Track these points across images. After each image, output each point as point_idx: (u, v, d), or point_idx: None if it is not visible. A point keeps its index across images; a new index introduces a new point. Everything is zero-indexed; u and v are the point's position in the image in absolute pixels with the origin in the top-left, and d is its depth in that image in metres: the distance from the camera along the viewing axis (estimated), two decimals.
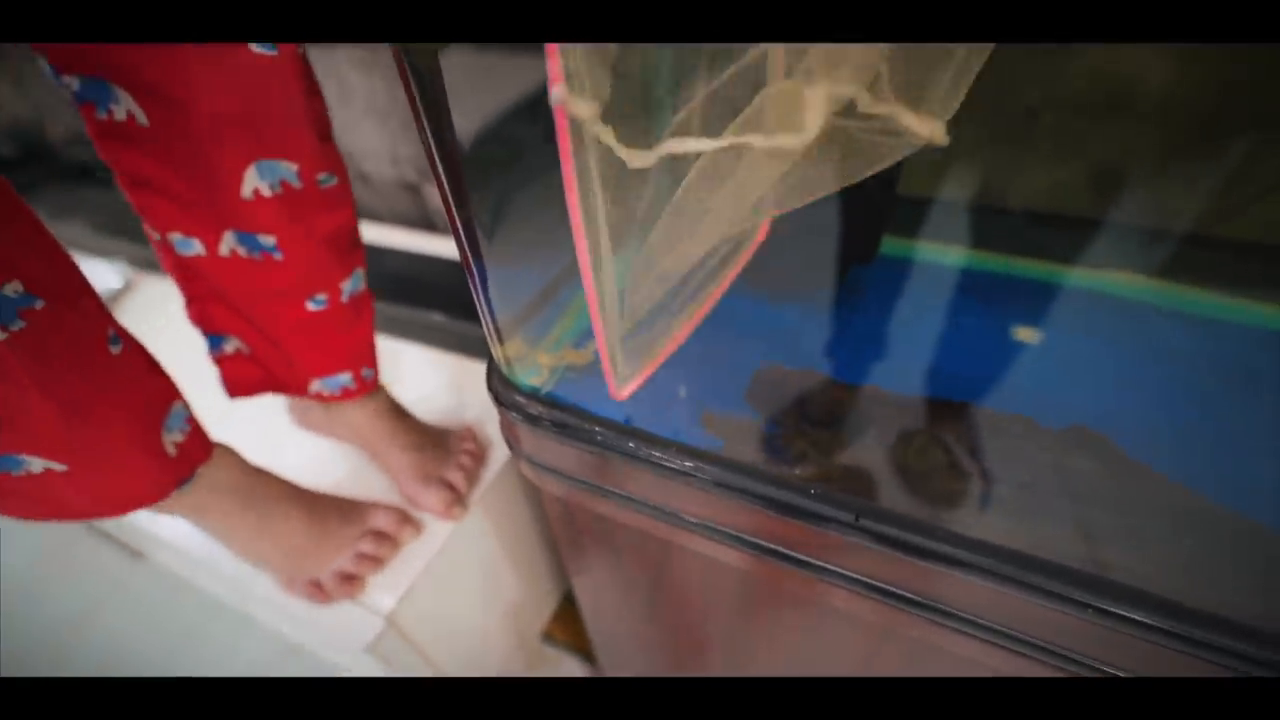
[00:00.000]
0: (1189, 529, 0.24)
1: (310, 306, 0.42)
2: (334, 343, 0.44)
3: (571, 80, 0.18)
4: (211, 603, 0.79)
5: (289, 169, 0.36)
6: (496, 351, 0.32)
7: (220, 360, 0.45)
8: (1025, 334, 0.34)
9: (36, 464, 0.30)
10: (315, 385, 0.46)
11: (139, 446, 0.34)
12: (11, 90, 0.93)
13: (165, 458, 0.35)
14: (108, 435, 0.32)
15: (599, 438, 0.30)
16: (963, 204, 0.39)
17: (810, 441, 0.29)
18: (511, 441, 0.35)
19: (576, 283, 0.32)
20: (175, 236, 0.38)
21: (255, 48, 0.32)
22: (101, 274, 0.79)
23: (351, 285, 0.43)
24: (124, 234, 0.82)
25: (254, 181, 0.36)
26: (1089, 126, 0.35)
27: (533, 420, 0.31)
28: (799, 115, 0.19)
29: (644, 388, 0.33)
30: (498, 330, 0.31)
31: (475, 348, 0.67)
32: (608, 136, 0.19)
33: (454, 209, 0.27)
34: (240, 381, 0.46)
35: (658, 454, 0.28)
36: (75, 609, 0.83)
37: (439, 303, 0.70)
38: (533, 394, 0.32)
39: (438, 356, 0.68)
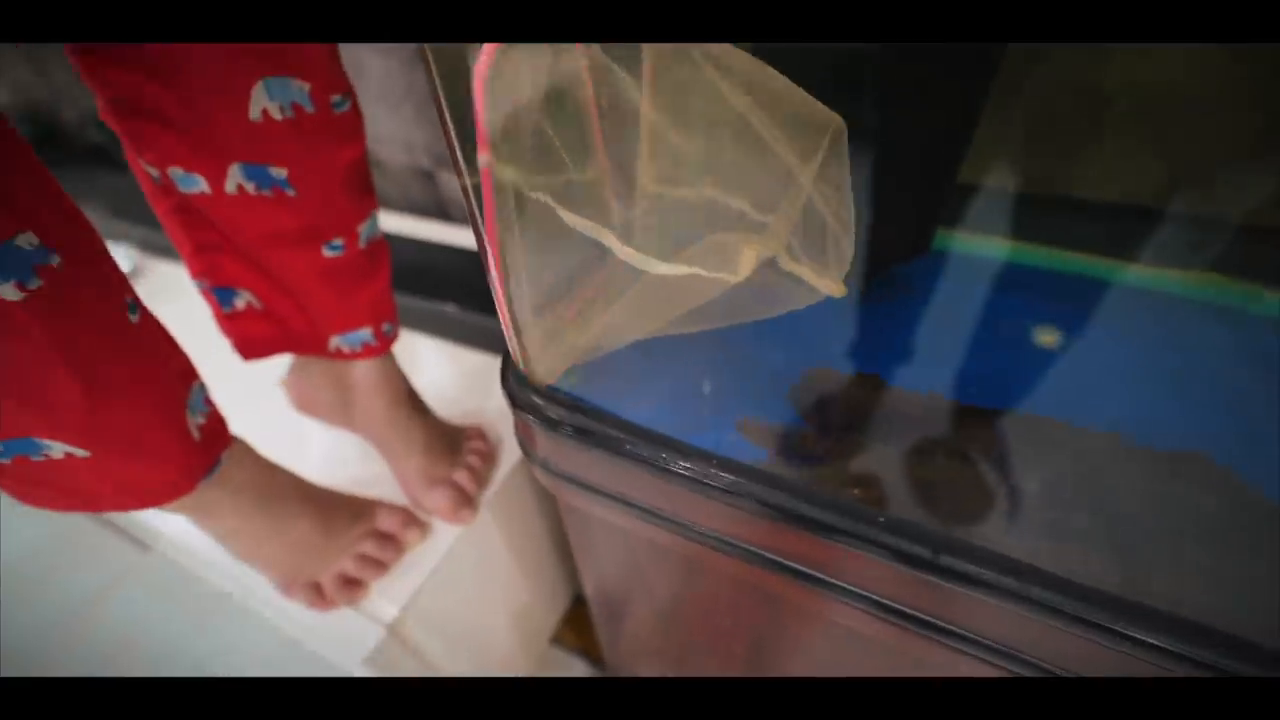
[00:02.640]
0: None
1: (327, 253, 0.38)
2: (353, 294, 0.40)
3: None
4: (216, 595, 0.77)
5: (300, 88, 0.32)
6: (514, 347, 0.29)
7: (231, 318, 0.41)
8: (1095, 341, 0.30)
9: (57, 449, 0.27)
10: (335, 341, 0.42)
11: (165, 429, 0.31)
12: (30, 73, 0.92)
13: (191, 442, 0.32)
14: (133, 415, 0.29)
15: (626, 446, 0.27)
16: (1025, 195, 0.36)
17: (862, 458, 0.25)
18: (526, 445, 0.32)
19: (593, 274, 0.29)
20: (176, 172, 0.34)
21: None
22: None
23: (368, 230, 0.40)
24: (133, 218, 0.80)
25: (262, 101, 0.32)
26: (1168, 113, 0.31)
27: (551, 425, 0.28)
28: (734, 261, 0.25)
29: (673, 387, 0.30)
30: (516, 325, 0.28)
31: (487, 341, 0.64)
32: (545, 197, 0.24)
33: (473, 200, 0.24)
34: (253, 341, 0.42)
35: (689, 465, 0.25)
36: (81, 597, 0.82)
37: (450, 293, 0.67)
38: (551, 395, 0.29)
39: (447, 348, 0.65)
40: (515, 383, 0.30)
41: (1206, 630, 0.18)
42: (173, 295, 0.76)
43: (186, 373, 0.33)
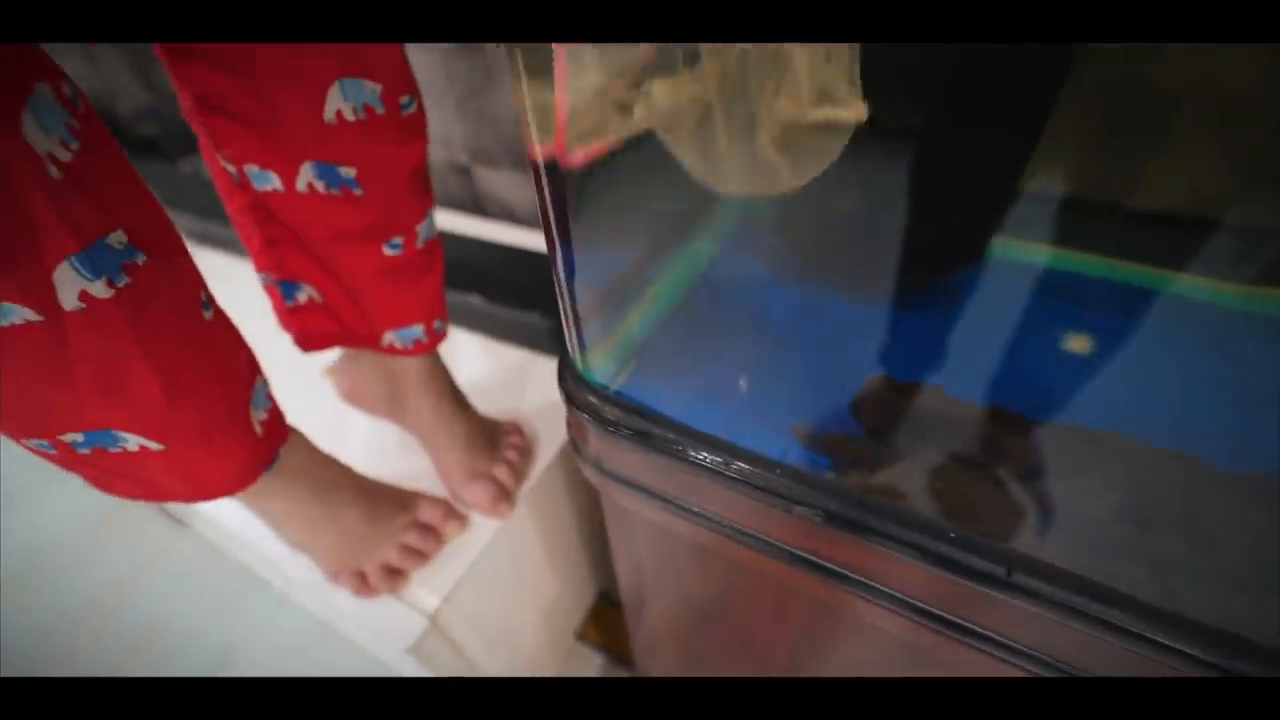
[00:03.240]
0: None
1: (387, 251, 0.39)
2: (409, 291, 0.42)
3: None
4: (249, 576, 0.79)
5: (373, 90, 0.33)
6: (573, 346, 0.30)
7: (293, 311, 0.43)
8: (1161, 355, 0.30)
9: (133, 441, 0.28)
10: (388, 337, 0.43)
11: (233, 424, 0.32)
12: (85, 66, 0.95)
13: (255, 437, 0.33)
14: (206, 412, 0.30)
15: (682, 450, 0.27)
16: (1084, 202, 0.35)
17: (918, 467, 0.25)
18: (578, 443, 0.33)
19: (654, 272, 0.30)
20: (252, 169, 0.35)
21: None
22: None
23: (426, 230, 0.41)
24: (182, 207, 0.82)
25: (337, 102, 0.33)
26: (1237, 119, 0.30)
27: (608, 426, 0.29)
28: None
29: (728, 391, 0.30)
30: (577, 323, 0.29)
31: (522, 336, 0.65)
32: None
33: (547, 198, 0.24)
34: (313, 334, 0.44)
35: (745, 470, 0.25)
36: (116, 576, 0.84)
37: (485, 288, 0.68)
38: (609, 397, 0.29)
39: (484, 343, 0.66)
40: (573, 382, 0.30)
41: (1242, 640, 0.18)
42: (220, 284, 0.78)
43: (252, 368, 0.34)
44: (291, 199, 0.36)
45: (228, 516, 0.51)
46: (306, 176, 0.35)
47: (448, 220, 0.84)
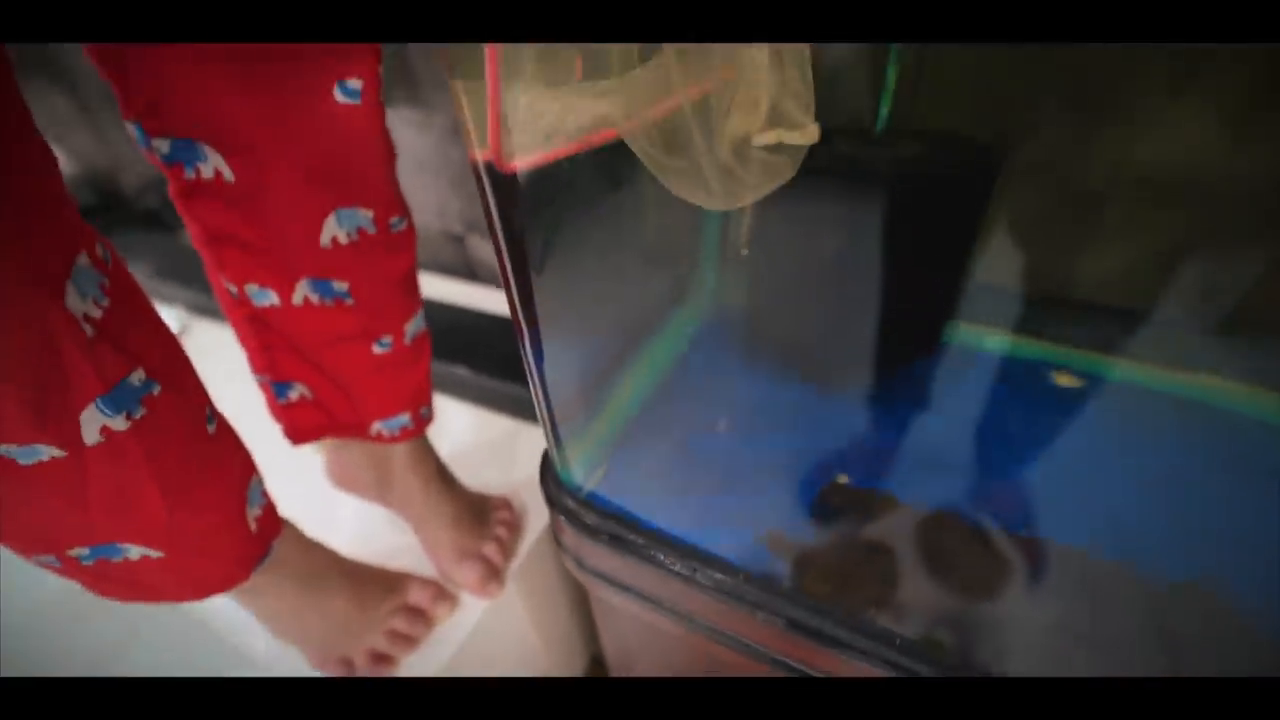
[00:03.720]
0: None
1: (376, 349, 0.42)
2: (396, 383, 0.44)
3: None
4: (237, 654, 0.78)
5: (365, 216, 0.36)
6: (553, 452, 0.32)
7: (285, 409, 0.45)
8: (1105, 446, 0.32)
9: (135, 551, 0.30)
10: (376, 427, 0.46)
11: (229, 527, 0.33)
12: (92, 141, 0.99)
13: (249, 534, 0.35)
14: (204, 520, 0.32)
15: (655, 556, 0.28)
16: (1029, 294, 0.38)
17: (875, 574, 0.27)
18: (560, 540, 0.34)
19: (624, 376, 0.31)
20: (252, 288, 0.38)
21: (340, 97, 0.32)
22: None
23: (414, 326, 0.43)
24: (181, 280, 0.85)
25: (333, 230, 0.36)
26: (1156, 213, 0.33)
27: (587, 530, 0.30)
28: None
29: (701, 496, 0.31)
30: (555, 432, 0.30)
31: (510, 406, 0.66)
32: None
33: (521, 317, 0.26)
34: (303, 428, 0.46)
35: (714, 577, 0.27)
36: (100, 650, 0.83)
37: (474, 359, 0.70)
38: (586, 502, 0.31)
39: (472, 411, 0.68)
40: (554, 486, 0.32)
41: None
42: (217, 354, 0.80)
43: (248, 469, 0.36)
44: (288, 312, 0.39)
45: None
46: (303, 291, 0.38)
47: (440, 287, 0.86)
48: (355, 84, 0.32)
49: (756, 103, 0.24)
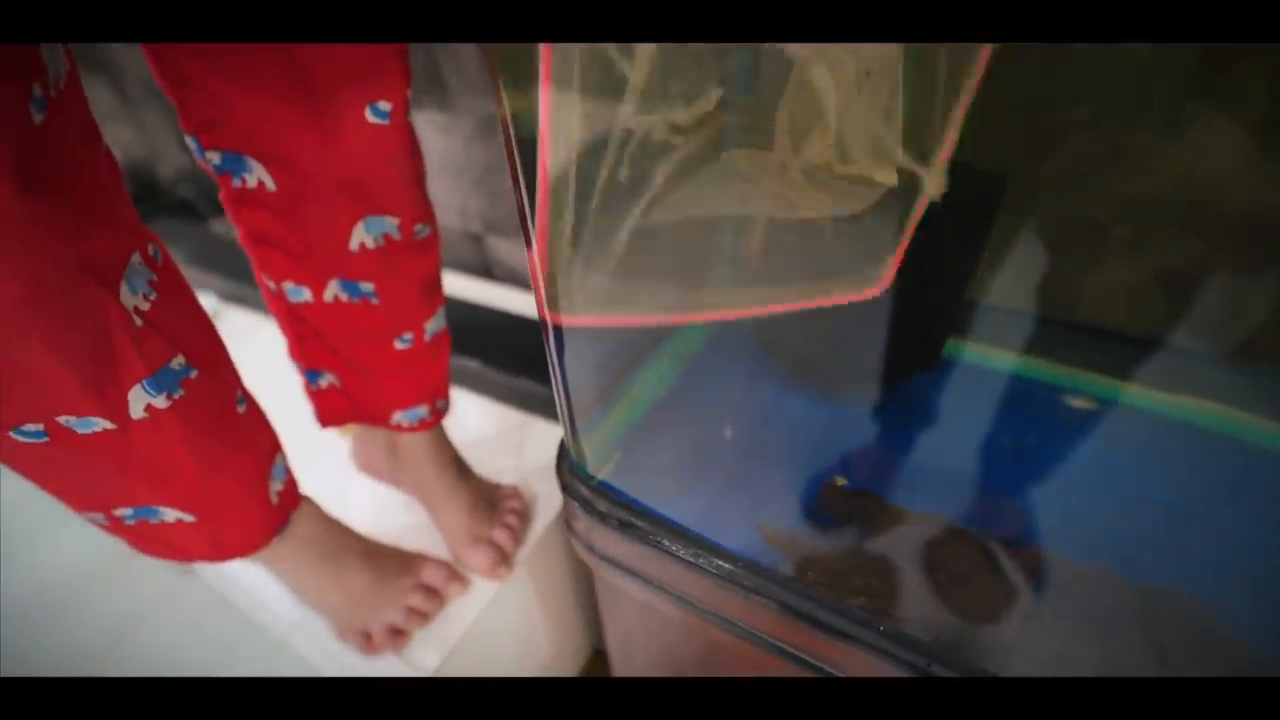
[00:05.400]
0: None
1: (398, 345, 0.45)
2: (416, 378, 0.48)
3: None
4: (251, 627, 0.80)
5: (391, 223, 0.40)
6: (569, 438, 0.34)
7: (316, 394, 0.50)
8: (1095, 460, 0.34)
9: (170, 514, 0.34)
10: (396, 417, 0.49)
11: (253, 497, 0.37)
12: (132, 132, 1.03)
13: (271, 506, 0.38)
14: (232, 489, 0.35)
15: (663, 542, 0.31)
16: (1031, 312, 0.39)
17: (864, 568, 0.29)
18: (572, 525, 0.36)
19: (639, 373, 0.33)
20: (288, 285, 0.42)
21: (371, 118, 0.35)
22: None
23: (434, 325, 0.47)
24: (214, 267, 0.88)
25: (361, 236, 0.39)
26: (1163, 241, 0.35)
27: (599, 516, 0.33)
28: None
29: (708, 489, 0.34)
30: (573, 423, 0.33)
31: (521, 399, 0.69)
32: None
33: (546, 309, 0.29)
34: (331, 412, 0.51)
35: (713, 564, 0.29)
36: (124, 617, 0.85)
37: (488, 354, 0.72)
38: (600, 490, 0.33)
39: (486, 404, 0.70)
40: (568, 472, 0.34)
41: None
42: (248, 339, 0.83)
43: (273, 447, 0.39)
44: (320, 308, 0.42)
45: (232, 567, 0.55)
46: (333, 290, 0.41)
47: (458, 284, 0.89)
48: (385, 106, 0.35)
49: (824, 135, 0.25)
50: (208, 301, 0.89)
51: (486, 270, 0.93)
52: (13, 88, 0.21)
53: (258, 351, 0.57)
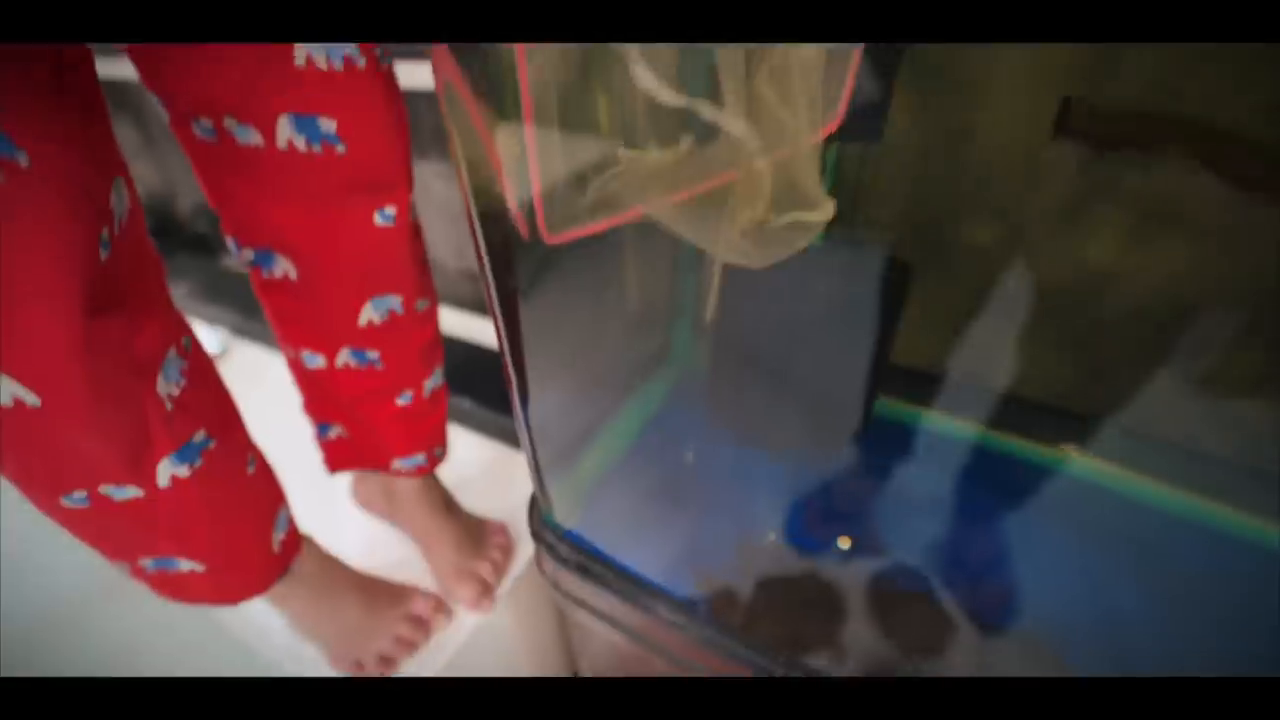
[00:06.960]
0: None
1: (399, 402, 0.51)
2: (415, 430, 0.54)
3: None
4: (247, 650, 0.83)
5: (395, 300, 0.46)
6: (539, 494, 0.38)
7: (325, 443, 0.56)
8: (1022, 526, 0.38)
9: (185, 565, 0.39)
10: (396, 463, 0.55)
11: (257, 548, 0.42)
12: (152, 169, 1.10)
13: (272, 554, 0.43)
14: (239, 542, 0.40)
15: (612, 585, 0.35)
16: (955, 379, 0.44)
17: (778, 617, 0.33)
18: (542, 567, 0.41)
19: (602, 433, 0.38)
20: (305, 353, 0.49)
21: (379, 221, 0.42)
22: (204, 338, 0.90)
23: (433, 382, 0.53)
24: (225, 302, 0.94)
25: (369, 314, 0.46)
26: (1071, 319, 0.39)
27: (562, 560, 0.37)
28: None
29: (657, 538, 0.38)
30: (541, 479, 0.37)
31: (512, 437, 0.73)
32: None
33: (512, 371, 0.33)
34: (338, 460, 0.57)
35: (655, 604, 0.33)
36: (119, 643, 0.85)
37: (477, 392, 0.76)
38: (564, 538, 0.38)
39: (477, 440, 0.75)
40: (538, 523, 0.39)
41: None
42: (257, 377, 0.88)
43: (277, 500, 0.44)
44: (331, 373, 0.49)
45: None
46: (344, 358, 0.47)
47: (454, 321, 0.94)
48: (391, 210, 0.41)
49: (758, 196, 0.27)
50: (217, 338, 0.94)
51: (482, 307, 0.98)
52: (85, 233, 0.26)
53: (266, 387, 0.62)
